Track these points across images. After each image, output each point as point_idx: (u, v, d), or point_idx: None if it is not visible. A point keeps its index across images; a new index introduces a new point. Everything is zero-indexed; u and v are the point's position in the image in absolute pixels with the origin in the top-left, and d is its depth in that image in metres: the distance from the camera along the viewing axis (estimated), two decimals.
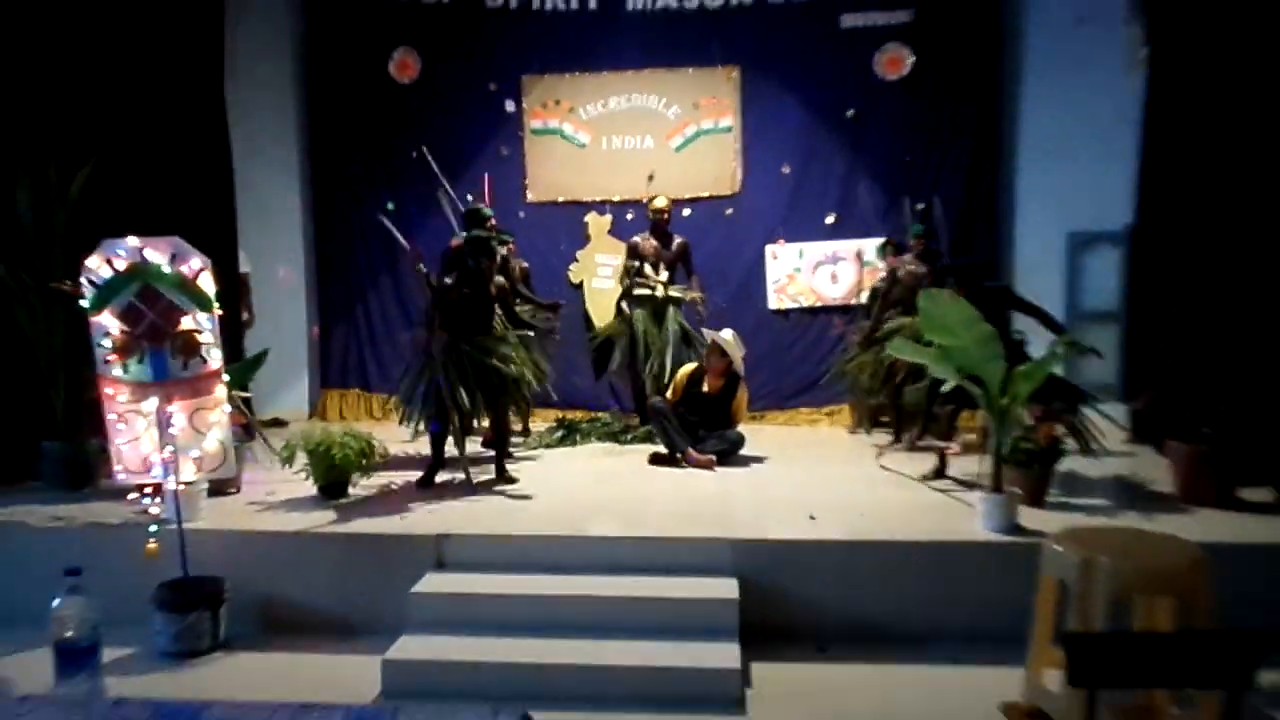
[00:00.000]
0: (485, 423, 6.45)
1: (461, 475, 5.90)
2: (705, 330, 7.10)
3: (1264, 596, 4.20)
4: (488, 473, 6.09)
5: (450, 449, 6.02)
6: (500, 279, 6.26)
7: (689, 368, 6.90)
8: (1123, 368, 7.38)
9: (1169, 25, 6.71)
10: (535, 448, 7.21)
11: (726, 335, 6.78)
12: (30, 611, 4.14)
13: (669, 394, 6.83)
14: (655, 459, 6.60)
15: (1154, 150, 6.81)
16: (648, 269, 7.79)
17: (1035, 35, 8.13)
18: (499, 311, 6.19)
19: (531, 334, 6.43)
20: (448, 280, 5.94)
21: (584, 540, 4.79)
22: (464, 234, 6.30)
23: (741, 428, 6.76)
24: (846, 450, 7.16)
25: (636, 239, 7.91)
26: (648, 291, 7.72)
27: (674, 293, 7.74)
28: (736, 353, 6.70)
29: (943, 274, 6.45)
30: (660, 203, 7.88)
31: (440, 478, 5.96)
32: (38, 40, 6.16)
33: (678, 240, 7.86)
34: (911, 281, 6.82)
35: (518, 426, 7.42)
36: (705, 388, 6.73)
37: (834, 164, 8.51)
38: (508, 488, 5.83)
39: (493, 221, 6.81)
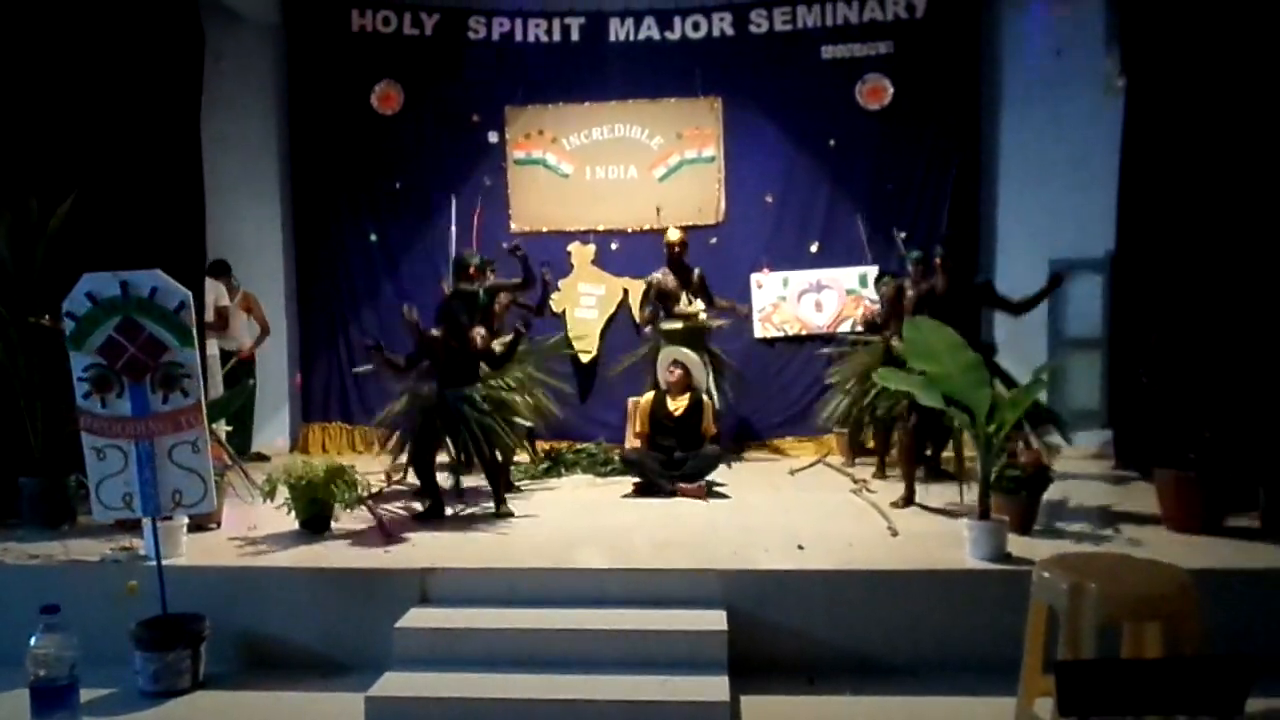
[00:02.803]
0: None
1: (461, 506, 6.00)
2: (671, 348, 7.06)
3: (1251, 622, 4.22)
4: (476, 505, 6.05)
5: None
6: (484, 332, 6.22)
7: (648, 397, 6.86)
8: (1106, 394, 7.41)
9: (1146, 55, 6.80)
10: (519, 479, 7.16)
11: (692, 354, 6.82)
12: (7, 650, 4.08)
13: (636, 428, 6.81)
14: (638, 490, 6.56)
15: (1134, 178, 6.88)
16: (684, 298, 7.77)
17: (1014, 65, 8.24)
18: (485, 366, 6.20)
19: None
20: (435, 332, 5.97)
21: (570, 572, 4.75)
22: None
23: (723, 465, 6.75)
24: (833, 479, 7.14)
25: (655, 276, 7.90)
26: (678, 325, 7.62)
27: (707, 319, 7.74)
28: (696, 366, 6.75)
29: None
30: (673, 235, 7.92)
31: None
32: (18, 75, 6.14)
33: (694, 271, 7.88)
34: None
35: (523, 457, 7.39)
36: (671, 408, 6.72)
37: (817, 193, 8.56)
38: (500, 522, 5.77)
39: (474, 268, 6.82)
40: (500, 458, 5.99)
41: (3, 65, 6.09)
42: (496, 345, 6.22)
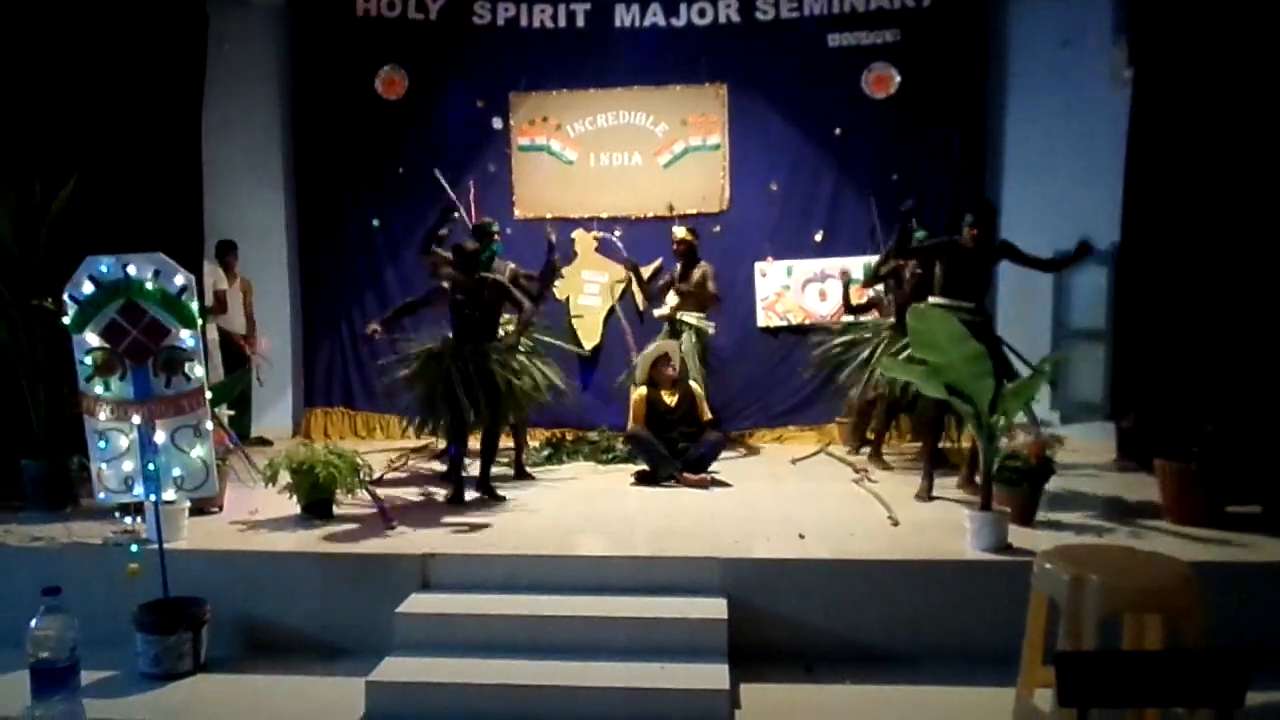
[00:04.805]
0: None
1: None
2: (648, 350, 7.02)
3: (1252, 614, 4.22)
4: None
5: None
6: (493, 276, 6.21)
7: (640, 393, 6.80)
8: (1109, 386, 7.39)
9: (1154, 45, 6.76)
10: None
11: (665, 344, 6.81)
12: (8, 632, 4.07)
13: (633, 422, 6.77)
14: (640, 478, 6.55)
15: (1140, 169, 6.85)
16: (669, 296, 7.85)
17: (1021, 55, 8.19)
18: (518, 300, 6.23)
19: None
20: (444, 284, 6.00)
21: (571, 560, 4.76)
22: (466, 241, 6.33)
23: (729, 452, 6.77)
24: (835, 468, 7.14)
25: (661, 261, 8.02)
26: (664, 311, 7.82)
27: (682, 317, 7.76)
28: (673, 349, 6.80)
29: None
30: (678, 233, 7.94)
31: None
32: (21, 58, 6.13)
33: (701, 268, 7.88)
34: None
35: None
36: (666, 402, 6.70)
37: (821, 181, 8.53)
38: (501, 508, 5.79)
39: (497, 233, 6.90)
40: (506, 422, 6.09)
41: (6, 49, 6.08)
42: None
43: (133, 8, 6.69)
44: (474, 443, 6.18)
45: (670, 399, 6.71)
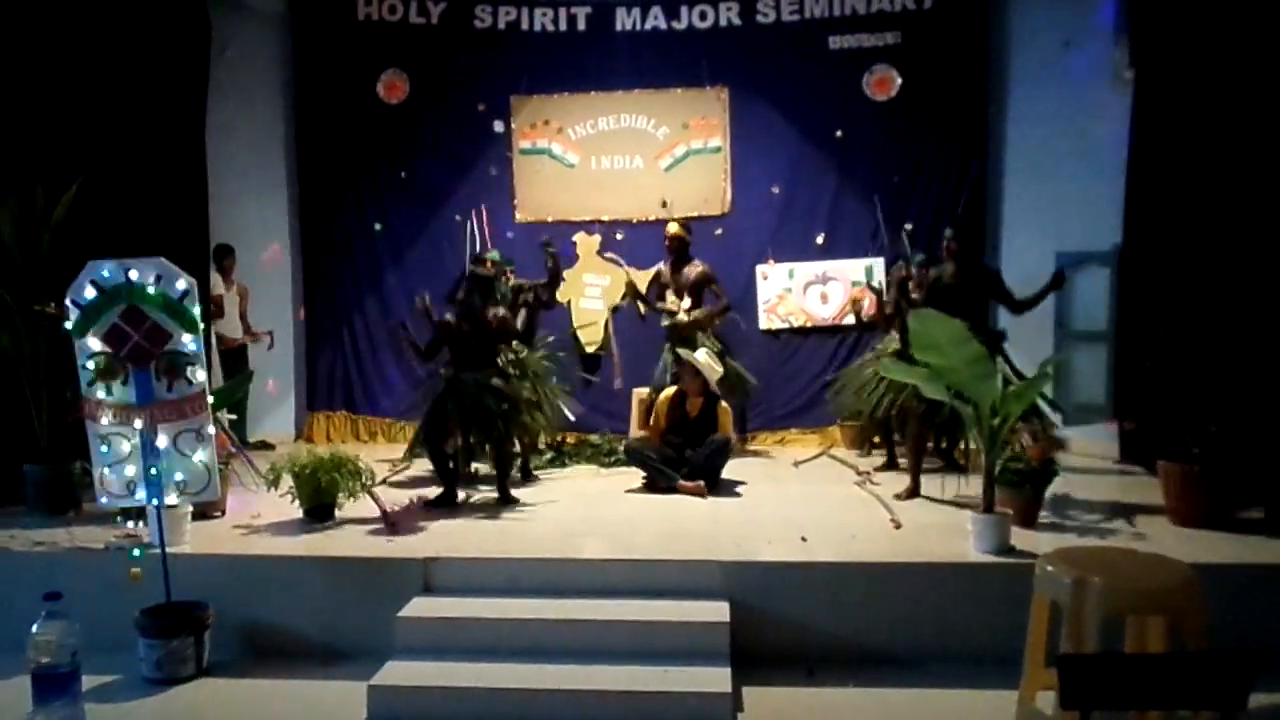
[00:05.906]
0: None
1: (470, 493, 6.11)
2: (680, 350, 7.00)
3: (1255, 616, 4.21)
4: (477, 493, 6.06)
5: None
6: (500, 311, 6.22)
7: (669, 391, 6.78)
8: (1112, 388, 7.39)
9: (1155, 46, 6.76)
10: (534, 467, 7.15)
11: (699, 355, 6.73)
12: (9, 637, 4.09)
13: (652, 420, 6.73)
14: (648, 485, 6.47)
15: (1141, 170, 6.85)
16: (669, 296, 7.80)
17: (1022, 56, 8.18)
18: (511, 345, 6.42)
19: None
20: (449, 316, 6.03)
21: (573, 563, 4.75)
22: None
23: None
24: (837, 471, 7.14)
25: (660, 265, 7.96)
26: (668, 320, 7.72)
27: (695, 316, 7.66)
28: (710, 372, 6.63)
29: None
30: (670, 229, 7.89)
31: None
32: (24, 62, 6.15)
33: (697, 268, 7.80)
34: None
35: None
36: (688, 409, 6.63)
37: (823, 184, 8.53)
38: (503, 512, 5.80)
39: (490, 263, 6.98)
40: (515, 445, 6.15)
41: (9, 53, 6.09)
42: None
43: (135, 13, 6.70)
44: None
45: (691, 407, 6.63)
